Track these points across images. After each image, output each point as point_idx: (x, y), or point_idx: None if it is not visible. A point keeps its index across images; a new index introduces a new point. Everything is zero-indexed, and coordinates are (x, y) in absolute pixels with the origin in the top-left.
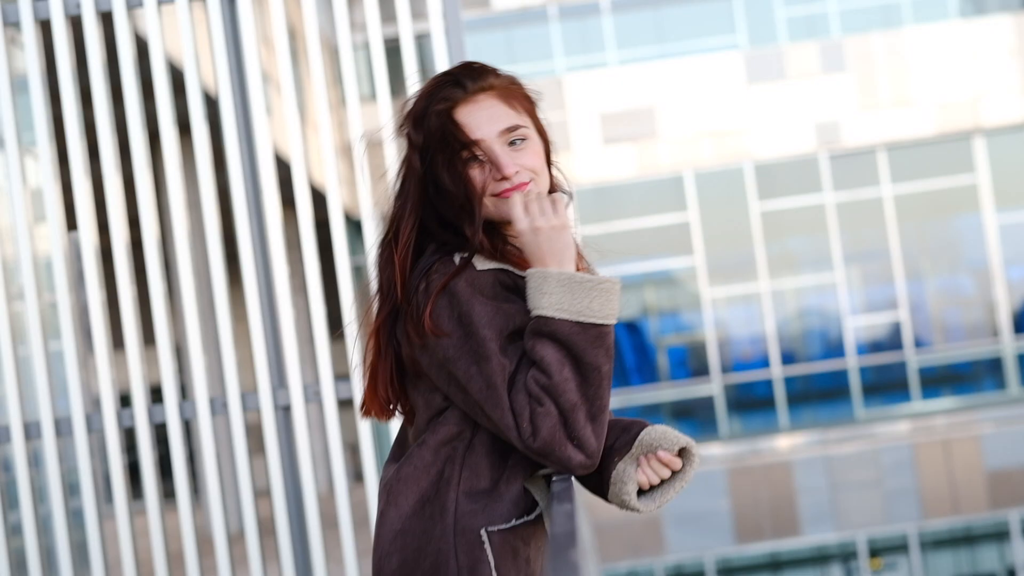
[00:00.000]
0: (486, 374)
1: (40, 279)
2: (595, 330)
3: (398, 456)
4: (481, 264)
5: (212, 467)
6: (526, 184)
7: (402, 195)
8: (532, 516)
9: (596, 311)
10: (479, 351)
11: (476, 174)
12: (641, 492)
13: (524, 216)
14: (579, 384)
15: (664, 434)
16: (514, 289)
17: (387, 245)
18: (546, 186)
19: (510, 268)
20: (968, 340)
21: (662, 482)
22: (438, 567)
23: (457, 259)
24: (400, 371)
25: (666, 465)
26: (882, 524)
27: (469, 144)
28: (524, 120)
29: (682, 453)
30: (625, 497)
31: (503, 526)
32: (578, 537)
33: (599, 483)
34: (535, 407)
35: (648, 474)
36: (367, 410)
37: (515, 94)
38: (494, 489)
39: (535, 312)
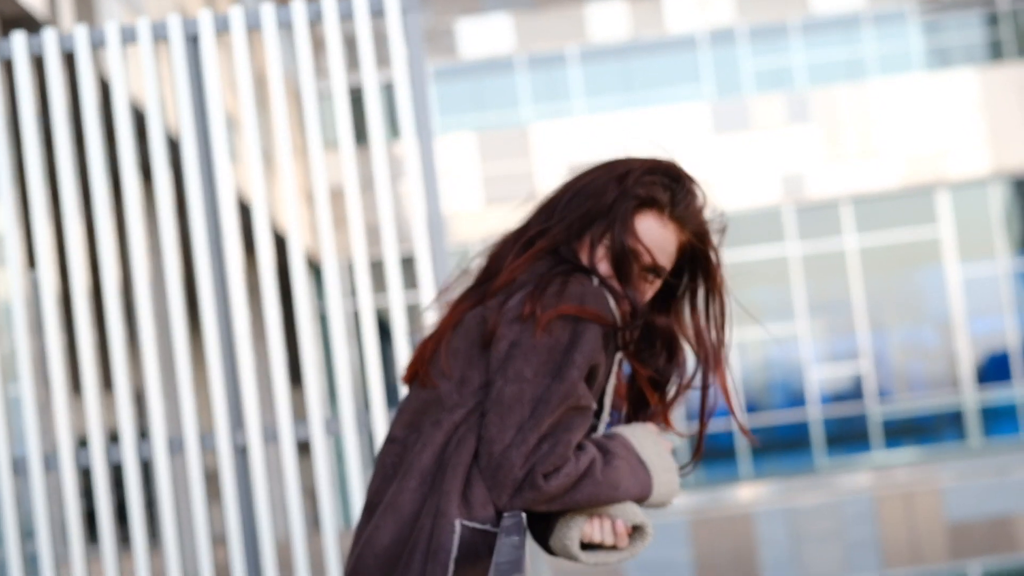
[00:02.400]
0: (549, 390)
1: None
2: (637, 499)
3: (399, 436)
4: (611, 302)
5: (169, 509)
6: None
7: (568, 209)
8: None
9: (650, 499)
10: (562, 370)
11: (641, 280)
12: (584, 545)
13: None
14: (590, 499)
15: (624, 505)
16: (611, 333)
17: (525, 242)
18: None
19: (617, 316)
20: (930, 392)
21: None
22: (416, 544)
23: (595, 282)
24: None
25: (615, 535)
26: (843, 574)
27: (635, 253)
28: (669, 266)
29: (636, 530)
30: (568, 542)
31: (476, 525)
32: (523, 567)
33: (544, 528)
34: (571, 464)
35: (596, 530)
36: (411, 370)
37: (689, 240)
38: (467, 483)
39: (648, 463)
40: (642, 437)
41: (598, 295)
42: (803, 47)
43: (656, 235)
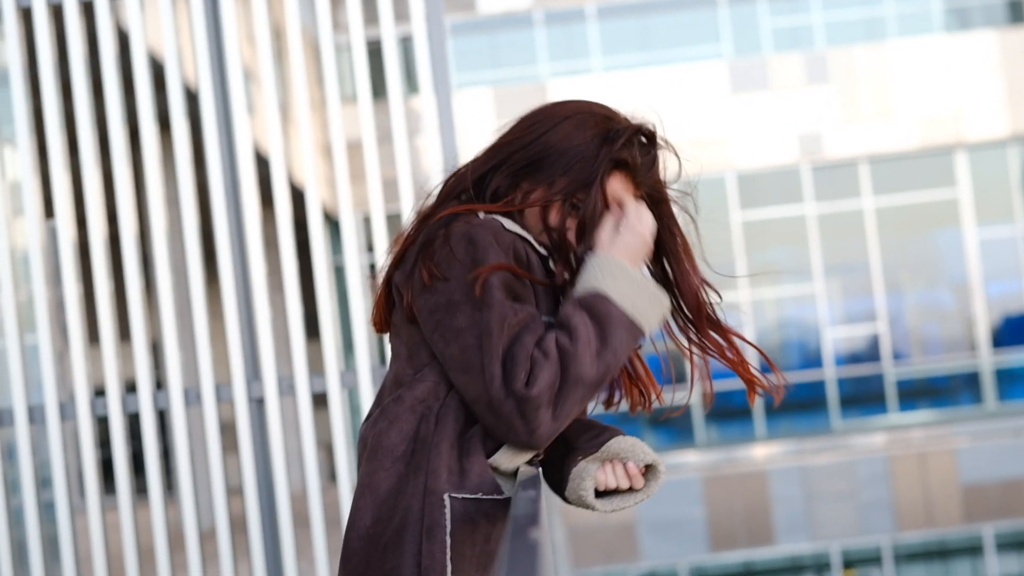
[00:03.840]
0: (484, 322)
1: (17, 272)
2: (636, 331)
3: (374, 414)
4: (508, 224)
5: (185, 460)
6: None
7: (547, 166)
8: (500, 496)
9: (647, 318)
10: (484, 298)
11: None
12: (600, 493)
13: (613, 219)
14: (592, 368)
15: (633, 447)
16: (525, 261)
17: (459, 194)
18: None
19: (528, 239)
20: (946, 354)
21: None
22: (405, 525)
23: (481, 215)
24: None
25: (630, 478)
26: (856, 535)
27: (599, 207)
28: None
29: (648, 469)
30: (583, 493)
31: (468, 495)
32: (540, 520)
33: (559, 480)
34: (539, 358)
35: (609, 477)
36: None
37: (642, 196)
38: (462, 455)
39: (592, 288)
40: (592, 269)
41: (486, 226)
42: (822, 7)
43: (620, 195)
